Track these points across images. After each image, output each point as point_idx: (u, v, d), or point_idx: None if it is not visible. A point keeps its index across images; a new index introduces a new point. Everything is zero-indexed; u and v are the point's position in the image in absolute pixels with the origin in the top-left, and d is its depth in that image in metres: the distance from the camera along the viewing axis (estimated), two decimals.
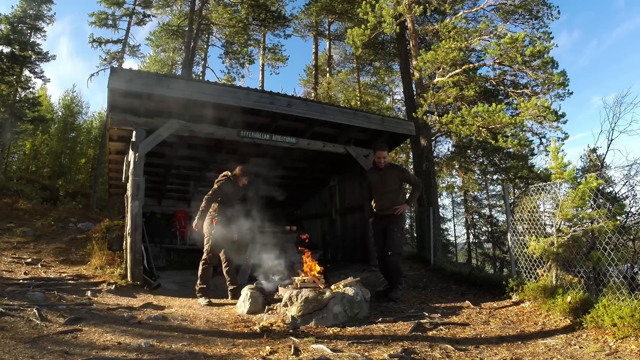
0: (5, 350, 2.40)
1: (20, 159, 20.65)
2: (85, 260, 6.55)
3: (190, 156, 8.03)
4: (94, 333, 2.98)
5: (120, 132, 6.24)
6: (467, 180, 18.55)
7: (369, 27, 10.56)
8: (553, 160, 4.39)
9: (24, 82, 16.43)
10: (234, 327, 3.48)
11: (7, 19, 15.73)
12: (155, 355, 2.54)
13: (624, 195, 8.96)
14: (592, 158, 14.26)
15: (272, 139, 6.63)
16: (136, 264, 5.30)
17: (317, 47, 21.09)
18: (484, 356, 2.62)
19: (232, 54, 19.13)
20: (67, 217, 10.45)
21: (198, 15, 16.14)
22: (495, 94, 11.34)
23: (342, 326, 3.49)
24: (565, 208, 4.03)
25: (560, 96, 9.47)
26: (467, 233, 22.06)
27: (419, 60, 9.79)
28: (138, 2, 17.53)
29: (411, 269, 7.40)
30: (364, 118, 7.10)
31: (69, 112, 22.72)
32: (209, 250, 4.74)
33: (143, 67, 20.43)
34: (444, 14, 11.18)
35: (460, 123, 9.14)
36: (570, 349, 2.79)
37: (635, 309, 2.87)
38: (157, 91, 5.32)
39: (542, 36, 10.01)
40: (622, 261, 3.76)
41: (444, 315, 3.90)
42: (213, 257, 4.77)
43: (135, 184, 5.46)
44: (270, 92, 6.40)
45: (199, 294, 4.70)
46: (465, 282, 5.89)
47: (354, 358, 2.52)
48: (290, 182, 9.79)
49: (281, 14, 17.37)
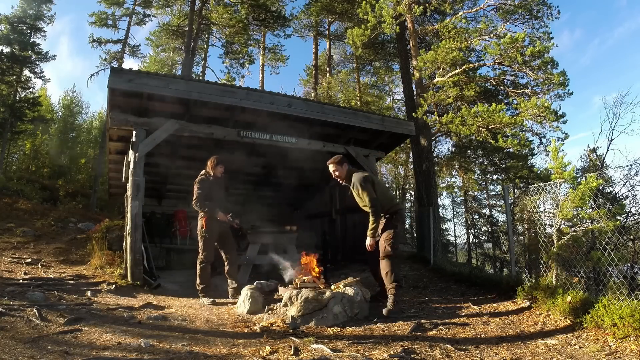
0: (5, 350, 2.40)
1: (20, 159, 20.65)
2: (85, 260, 6.55)
3: (190, 156, 8.03)
4: (94, 333, 2.98)
5: (120, 132, 6.24)
6: (467, 180, 18.54)
7: (369, 27, 10.56)
8: (553, 160, 4.39)
9: (24, 82, 16.43)
10: (234, 327, 3.48)
11: (7, 19, 15.73)
12: (155, 355, 2.54)
13: (624, 195, 8.97)
14: (592, 158, 14.27)
15: (272, 139, 6.62)
16: (136, 264, 5.30)
17: (317, 47, 21.11)
18: (484, 356, 2.62)
19: (232, 54, 19.12)
20: (67, 217, 10.46)
21: (198, 15, 16.14)
22: (495, 94, 11.34)
23: (342, 326, 3.49)
24: (565, 208, 4.03)
25: (560, 96, 9.48)
26: (467, 233, 22.09)
27: (419, 60, 9.79)
28: (138, 2, 17.52)
29: (411, 269, 7.40)
30: (364, 118, 7.10)
31: (69, 112, 22.75)
32: (203, 249, 4.77)
33: (143, 67, 20.46)
34: (444, 14, 11.18)
35: (460, 123, 9.14)
36: (570, 349, 2.79)
37: (635, 309, 2.87)
38: (157, 91, 5.32)
39: (542, 36, 10.02)
40: (622, 261, 3.76)
41: (444, 315, 3.90)
42: (208, 254, 4.78)
43: (135, 184, 5.45)
44: (270, 92, 6.40)
45: (201, 294, 4.73)
46: (465, 282, 5.88)
47: (354, 358, 2.52)
48: (291, 182, 9.80)
49: (281, 14, 17.37)
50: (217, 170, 4.92)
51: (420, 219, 10.77)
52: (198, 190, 4.75)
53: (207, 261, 4.78)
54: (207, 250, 4.76)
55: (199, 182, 4.80)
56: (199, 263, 4.78)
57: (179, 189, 9.86)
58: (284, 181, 9.66)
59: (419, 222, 11.95)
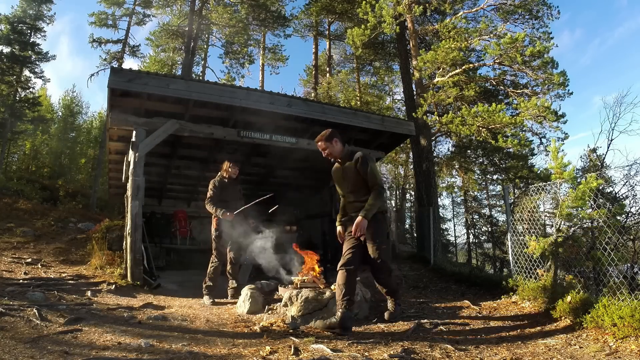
0: (5, 350, 2.40)
1: (20, 159, 20.65)
2: (85, 260, 6.56)
3: (190, 156, 8.03)
4: (94, 333, 2.98)
5: (120, 132, 6.24)
6: (467, 180, 18.53)
7: (369, 27, 10.56)
8: (553, 160, 4.39)
9: (24, 82, 16.43)
10: (234, 327, 3.48)
11: (7, 19, 15.73)
12: (155, 355, 2.54)
13: (624, 195, 8.97)
14: (592, 158, 14.28)
15: (272, 139, 6.63)
16: (136, 264, 5.30)
17: (317, 47, 21.10)
18: (484, 356, 2.62)
19: (232, 54, 19.12)
20: (67, 217, 10.46)
21: (198, 15, 16.13)
22: (495, 94, 11.34)
23: None
24: (565, 208, 4.03)
25: (560, 96, 9.49)
26: (467, 233, 22.09)
27: (419, 60, 9.79)
28: (138, 2, 17.51)
29: (411, 269, 7.40)
30: (364, 118, 7.10)
31: (69, 112, 22.74)
32: (214, 248, 4.85)
33: (143, 67, 20.41)
34: (444, 14, 11.18)
35: (460, 123, 9.14)
36: (570, 349, 2.79)
37: (635, 309, 2.86)
38: (157, 91, 5.33)
39: (542, 36, 10.02)
40: (622, 261, 3.76)
41: (444, 315, 3.90)
42: (219, 254, 4.84)
43: (135, 184, 5.46)
44: (270, 92, 6.40)
45: (205, 292, 4.75)
46: (465, 282, 5.88)
47: (354, 358, 2.51)
48: (291, 182, 9.79)
49: (281, 14, 17.37)
50: (232, 171, 4.98)
51: (420, 219, 10.77)
52: (210, 192, 4.85)
53: (218, 260, 4.84)
54: (218, 250, 4.83)
55: (212, 184, 4.89)
56: (211, 262, 4.85)
57: (179, 189, 9.87)
58: (284, 181, 9.66)
59: (419, 222, 11.94)
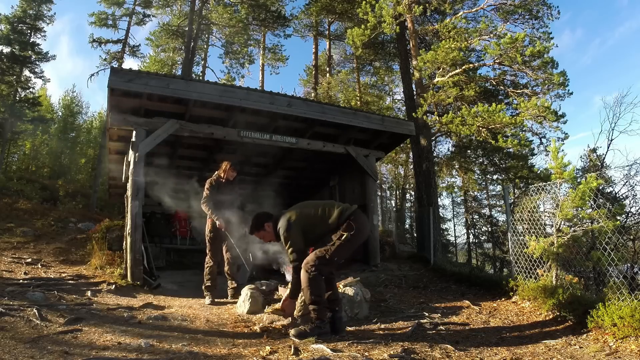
0: (5, 350, 2.40)
1: (20, 159, 20.64)
2: (85, 260, 6.55)
3: (190, 156, 8.02)
4: (94, 333, 2.98)
5: (120, 132, 6.24)
6: (467, 180, 18.54)
7: (369, 27, 10.56)
8: (553, 160, 4.39)
9: (24, 82, 16.41)
10: (234, 327, 3.49)
11: (7, 19, 15.71)
12: (155, 355, 2.54)
13: (624, 195, 8.97)
14: (592, 158, 14.29)
15: (272, 139, 6.63)
16: (136, 264, 5.30)
17: (317, 47, 21.07)
18: (484, 356, 2.62)
19: (232, 54, 19.12)
20: (67, 217, 10.45)
21: (198, 15, 16.12)
22: (495, 94, 11.33)
23: None
24: (565, 208, 4.03)
25: (560, 96, 9.49)
26: (467, 233, 22.09)
27: (419, 60, 9.79)
28: (138, 2, 17.49)
29: (411, 269, 7.39)
30: (364, 118, 7.10)
31: (69, 112, 22.70)
32: (209, 249, 4.84)
33: (143, 67, 20.39)
34: (444, 14, 11.18)
35: (460, 123, 9.14)
36: (570, 349, 2.79)
37: (635, 309, 2.87)
38: (157, 91, 5.33)
39: (542, 36, 10.03)
40: (622, 261, 3.76)
41: (444, 316, 3.90)
42: (215, 254, 4.83)
43: (135, 184, 5.46)
44: (270, 92, 6.40)
45: (205, 292, 4.76)
46: (465, 282, 5.88)
47: (354, 358, 2.51)
48: (291, 182, 9.79)
49: (281, 14, 17.36)
50: (230, 173, 4.95)
51: (420, 219, 10.77)
52: (206, 191, 4.81)
53: (213, 260, 4.83)
54: (213, 250, 4.82)
55: (209, 183, 4.86)
56: (206, 263, 4.83)
57: (179, 189, 9.86)
58: (284, 181, 9.65)
59: (419, 222, 11.94)
